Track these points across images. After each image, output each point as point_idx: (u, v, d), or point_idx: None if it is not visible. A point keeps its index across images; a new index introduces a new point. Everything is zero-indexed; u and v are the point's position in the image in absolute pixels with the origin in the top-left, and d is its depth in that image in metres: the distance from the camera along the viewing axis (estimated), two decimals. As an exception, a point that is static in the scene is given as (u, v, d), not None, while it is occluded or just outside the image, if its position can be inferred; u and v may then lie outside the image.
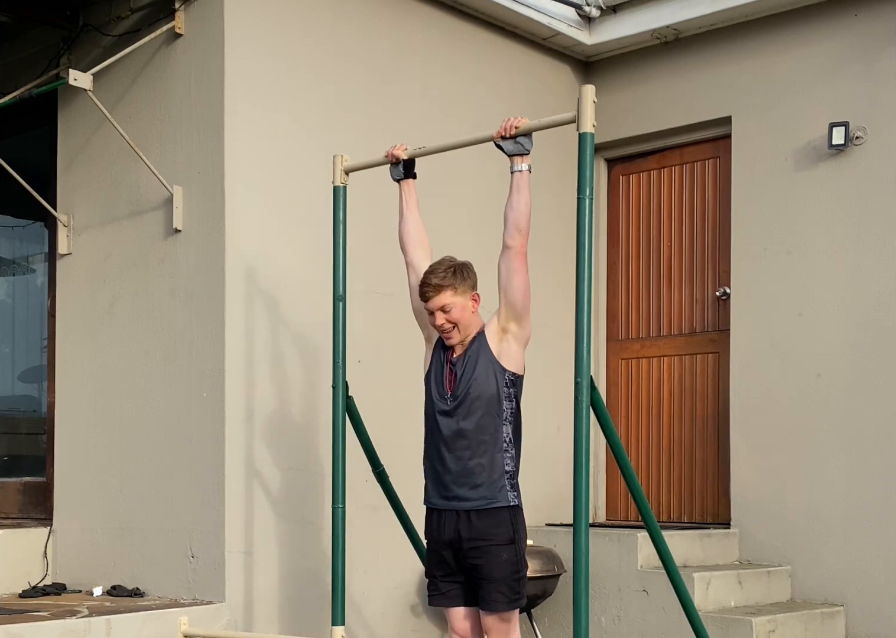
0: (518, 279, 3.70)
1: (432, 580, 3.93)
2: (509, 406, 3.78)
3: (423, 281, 3.81)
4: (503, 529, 3.74)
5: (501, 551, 3.73)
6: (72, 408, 5.61)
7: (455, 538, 3.78)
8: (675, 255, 6.45)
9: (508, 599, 3.75)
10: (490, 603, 3.76)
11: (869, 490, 5.56)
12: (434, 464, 3.86)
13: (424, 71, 5.82)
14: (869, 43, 5.65)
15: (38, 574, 5.49)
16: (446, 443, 3.79)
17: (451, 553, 3.81)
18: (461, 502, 3.77)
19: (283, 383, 5.15)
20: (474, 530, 3.74)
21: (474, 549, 3.74)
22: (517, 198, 3.68)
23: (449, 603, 3.90)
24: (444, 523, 3.81)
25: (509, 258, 3.70)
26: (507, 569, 3.74)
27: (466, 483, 3.75)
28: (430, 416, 3.87)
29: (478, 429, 3.74)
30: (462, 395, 3.76)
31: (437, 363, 3.88)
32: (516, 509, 3.78)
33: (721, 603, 5.42)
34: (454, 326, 3.78)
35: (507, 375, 3.76)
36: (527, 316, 3.76)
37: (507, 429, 3.77)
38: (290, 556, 5.13)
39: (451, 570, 3.85)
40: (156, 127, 5.24)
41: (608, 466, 6.63)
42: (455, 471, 3.77)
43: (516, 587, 3.77)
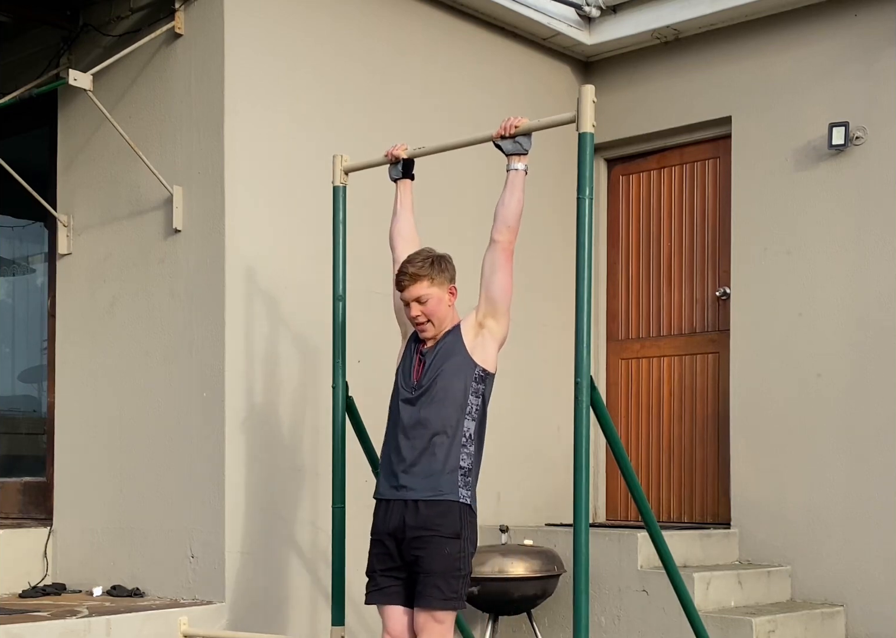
0: (501, 275, 3.66)
1: (371, 576, 3.77)
2: (475, 402, 3.69)
3: (400, 269, 3.75)
4: (449, 521, 3.61)
5: (444, 544, 3.59)
6: (72, 408, 5.61)
7: (399, 526, 3.65)
8: (675, 255, 6.45)
9: (444, 596, 3.58)
10: (425, 598, 3.60)
11: (869, 490, 5.56)
12: (389, 452, 3.76)
13: (424, 71, 5.83)
14: (869, 43, 5.65)
15: (38, 574, 5.49)
16: (405, 431, 3.70)
17: (395, 544, 3.68)
18: (409, 492, 3.65)
19: (283, 383, 5.15)
20: (420, 519, 3.62)
21: (417, 538, 3.62)
22: (510, 196, 3.67)
23: (386, 600, 3.73)
24: (390, 513, 3.70)
25: (495, 252, 3.67)
26: (448, 563, 3.58)
27: (418, 472, 3.64)
28: (394, 404, 3.79)
29: (438, 419, 3.65)
30: (427, 384, 3.69)
31: (408, 355, 3.84)
32: (467, 508, 3.65)
33: (721, 603, 5.41)
34: (428, 320, 3.73)
35: (478, 369, 3.69)
36: (506, 314, 3.71)
37: (468, 424, 3.67)
38: (290, 556, 5.13)
39: (392, 563, 3.71)
40: (156, 127, 5.25)
41: (608, 466, 6.63)
42: (408, 459, 3.67)
43: (455, 585, 3.60)
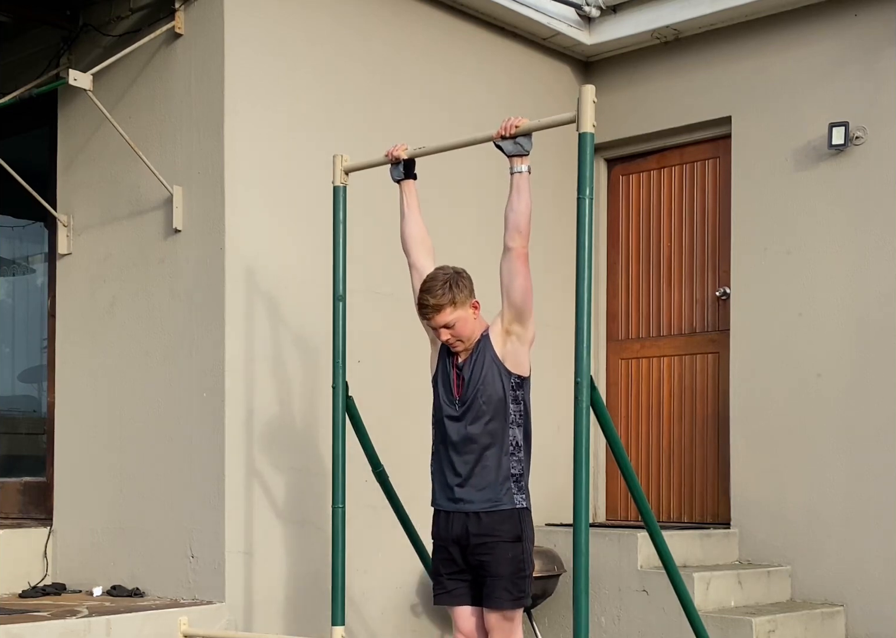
0: (519, 281, 3.70)
1: (438, 579, 3.93)
2: (517, 409, 3.78)
3: (421, 302, 3.77)
4: (510, 526, 3.75)
5: (508, 548, 3.74)
6: (72, 408, 5.61)
7: (463, 534, 3.79)
8: (675, 255, 6.45)
9: (513, 596, 3.76)
10: (494, 600, 3.77)
11: (869, 490, 5.56)
12: (442, 466, 3.87)
13: (424, 71, 5.82)
14: (869, 43, 5.65)
15: (38, 574, 5.49)
16: (455, 447, 3.80)
17: (458, 550, 3.82)
18: (467, 504, 3.79)
19: (283, 383, 5.15)
20: (482, 527, 3.75)
21: (481, 545, 3.76)
22: (517, 199, 3.68)
23: (455, 601, 3.90)
24: (451, 521, 3.83)
25: (510, 260, 3.70)
26: (513, 566, 3.75)
27: (472, 485, 3.77)
28: (439, 420, 3.88)
29: (485, 433, 3.75)
30: (470, 399, 3.77)
31: (444, 367, 3.89)
32: (524, 511, 3.79)
33: (721, 603, 5.42)
34: (460, 340, 3.79)
35: (513, 377, 3.77)
36: (530, 317, 3.76)
37: (513, 432, 3.78)
38: (290, 556, 5.13)
39: (457, 567, 3.85)
40: (156, 127, 5.24)
41: (608, 466, 6.63)
42: (462, 474, 3.79)
43: (521, 585, 3.77)
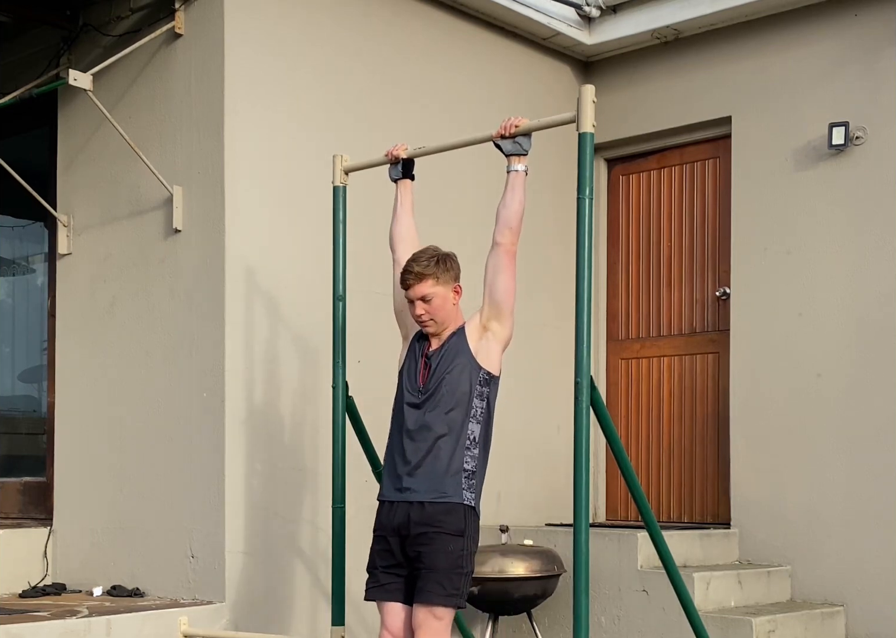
0: (504, 278, 3.67)
1: (373, 572, 3.79)
2: (480, 405, 3.71)
3: (405, 268, 3.75)
4: (454, 518, 3.63)
5: (448, 541, 3.61)
6: (72, 408, 5.61)
7: (404, 523, 3.67)
8: (675, 255, 6.45)
9: (446, 592, 3.60)
10: (425, 594, 3.61)
11: (869, 490, 5.56)
12: (393, 455, 3.78)
13: (424, 71, 5.83)
14: (869, 43, 5.65)
15: (38, 574, 5.49)
16: (409, 434, 3.72)
17: (398, 541, 3.70)
18: (413, 494, 3.67)
19: (283, 383, 5.15)
20: (425, 516, 3.63)
21: (421, 535, 3.64)
22: (511, 196, 3.67)
23: (386, 597, 3.75)
24: (394, 511, 3.72)
25: (497, 255, 3.68)
26: (451, 561, 3.61)
27: (422, 475, 3.67)
28: (398, 408, 3.81)
29: (443, 422, 3.67)
30: (433, 388, 3.71)
31: (412, 357, 3.85)
32: (470, 510, 3.67)
33: (721, 603, 5.41)
34: (432, 318, 3.75)
35: (482, 372, 3.71)
36: (509, 316, 3.72)
37: (473, 427, 3.69)
38: (290, 556, 5.13)
39: (394, 561, 3.73)
40: (156, 127, 5.25)
41: (608, 466, 6.63)
42: (412, 462, 3.69)
43: (456, 582, 3.62)
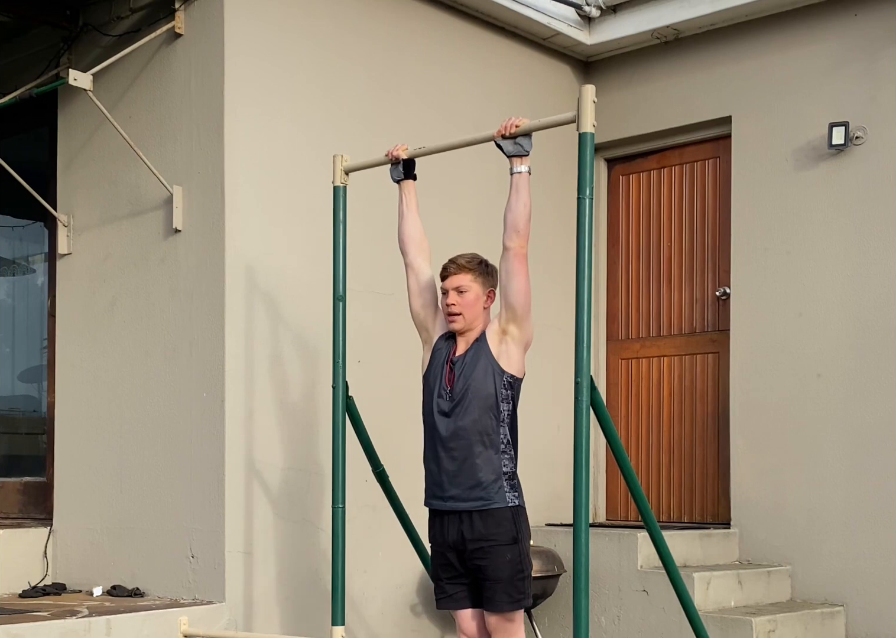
0: (517, 281, 3.70)
1: (438, 584, 3.94)
2: (507, 408, 3.77)
3: (449, 260, 3.89)
4: (505, 528, 3.74)
5: (505, 551, 3.73)
6: (72, 408, 5.61)
7: (458, 540, 3.78)
8: (675, 255, 6.45)
9: (513, 598, 3.76)
10: (495, 603, 3.77)
11: (869, 490, 5.56)
12: (430, 463, 3.86)
13: (424, 70, 5.82)
14: (869, 43, 5.65)
15: (38, 574, 5.49)
16: (443, 442, 3.78)
17: (456, 555, 3.82)
18: (458, 503, 3.77)
19: (283, 383, 5.15)
20: (476, 531, 3.74)
21: (478, 550, 3.75)
22: (516, 199, 3.68)
23: (456, 605, 3.91)
24: (446, 526, 3.82)
25: (508, 260, 3.71)
26: (512, 569, 3.74)
27: (462, 483, 3.75)
28: (429, 415, 3.87)
29: (475, 429, 3.73)
30: (461, 394, 3.76)
31: (437, 362, 3.89)
32: (518, 509, 3.78)
33: (721, 603, 5.42)
34: (461, 313, 3.81)
35: (506, 376, 3.76)
36: (527, 318, 3.76)
37: (504, 430, 3.77)
38: (290, 556, 5.13)
39: (456, 572, 3.85)
40: (156, 127, 5.24)
41: (608, 466, 6.63)
42: (451, 470, 3.77)
43: (521, 587, 3.77)
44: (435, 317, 4.00)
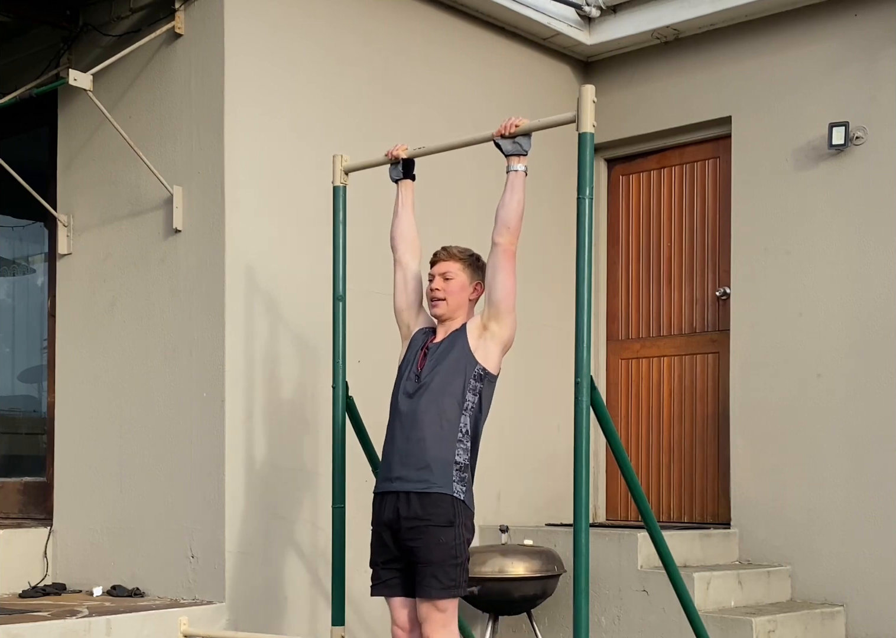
0: (502, 277, 3.68)
1: (375, 569, 3.83)
2: (472, 399, 3.71)
3: (442, 248, 3.90)
4: (443, 510, 3.63)
5: (439, 533, 3.62)
6: (72, 408, 5.61)
7: (394, 518, 3.69)
8: (675, 255, 6.45)
9: (443, 585, 3.61)
10: (424, 588, 3.63)
11: (869, 490, 5.56)
12: (386, 445, 3.81)
13: (424, 70, 5.82)
14: (869, 43, 5.65)
15: (38, 574, 5.49)
16: (401, 421, 3.74)
17: (390, 534, 3.72)
18: (402, 483, 3.69)
19: (283, 383, 5.15)
20: (413, 510, 3.65)
21: (411, 529, 3.65)
22: (510, 196, 3.68)
23: (389, 592, 3.79)
24: (384, 505, 3.74)
25: (496, 256, 3.69)
26: (444, 552, 3.61)
27: (411, 464, 3.67)
28: (394, 396, 3.84)
29: (434, 410, 3.68)
30: (428, 377, 3.73)
31: (413, 350, 3.89)
32: (459, 502, 3.66)
33: (721, 603, 5.41)
34: (444, 298, 3.81)
35: (478, 368, 3.72)
36: (509, 316, 3.72)
37: (465, 420, 3.70)
38: (290, 556, 5.13)
39: (391, 555, 3.75)
40: (156, 127, 5.24)
41: (608, 466, 6.63)
42: (403, 449, 3.71)
43: (453, 574, 3.63)
44: (417, 314, 4.00)
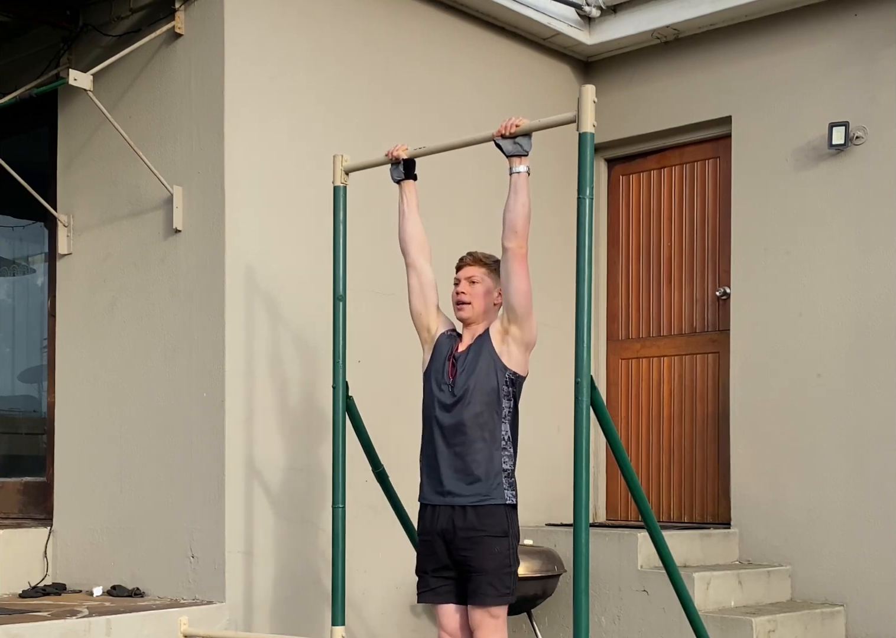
0: (516, 282, 3.69)
1: (423, 576, 3.89)
2: (508, 405, 3.77)
3: (467, 253, 3.95)
4: (497, 521, 3.71)
5: (494, 543, 3.70)
6: (72, 408, 5.61)
7: (448, 528, 3.75)
8: (675, 255, 6.45)
9: (498, 592, 3.71)
10: (479, 596, 3.72)
11: (869, 490, 5.56)
12: (430, 459, 3.84)
13: (424, 70, 5.82)
14: (869, 43, 5.65)
15: (38, 574, 5.49)
16: (444, 436, 3.77)
17: (443, 544, 3.78)
18: (455, 498, 3.75)
19: (283, 383, 5.15)
20: (468, 522, 3.71)
21: (466, 540, 3.71)
22: (514, 199, 3.68)
23: (439, 599, 3.86)
24: (437, 515, 3.79)
25: (507, 261, 3.70)
26: (499, 561, 3.70)
27: (462, 479, 3.73)
28: (429, 409, 3.85)
29: (476, 423, 3.72)
30: (463, 388, 3.75)
31: (440, 358, 3.88)
32: (512, 508, 3.77)
33: (721, 603, 5.42)
34: (469, 302, 3.84)
35: (508, 373, 3.76)
36: (528, 319, 3.74)
37: (505, 427, 3.76)
38: (290, 556, 5.13)
39: (441, 564, 3.81)
40: (156, 127, 5.24)
41: (608, 466, 6.63)
42: (450, 465, 3.75)
43: (507, 581, 3.73)
44: (437, 316, 4.00)
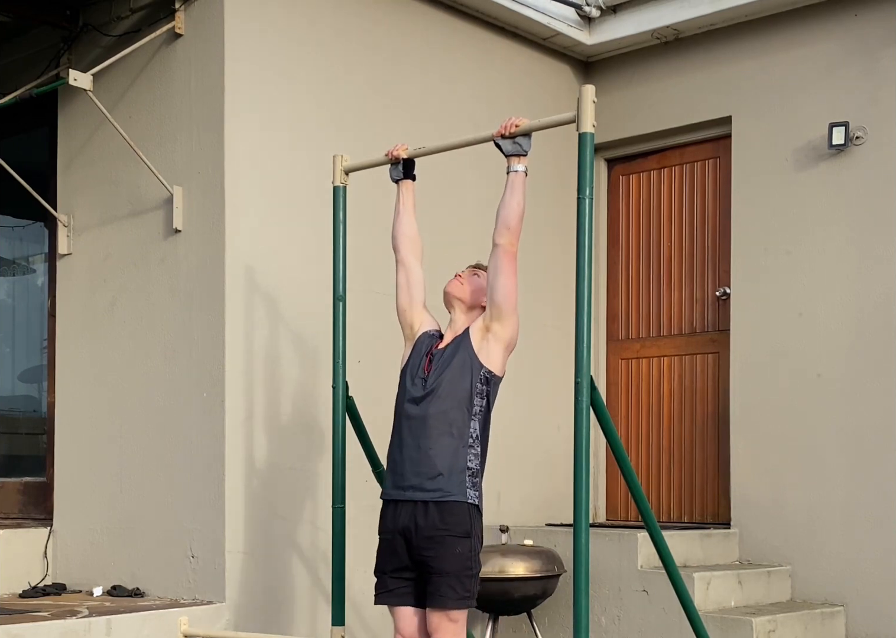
0: (503, 279, 3.66)
1: (381, 577, 3.80)
2: (480, 403, 3.71)
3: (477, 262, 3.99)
4: (460, 520, 3.62)
5: (456, 544, 3.61)
6: (72, 408, 5.61)
7: (410, 527, 3.67)
8: (675, 255, 6.45)
9: (458, 595, 3.61)
10: (438, 598, 3.62)
11: (869, 490, 5.56)
12: (394, 452, 3.77)
13: (424, 70, 5.83)
14: (869, 43, 5.65)
15: (38, 574, 5.49)
16: (410, 429, 3.71)
17: (404, 543, 3.70)
18: (416, 492, 3.66)
19: (283, 383, 5.15)
20: (430, 520, 3.63)
21: (428, 539, 3.63)
22: (510, 197, 3.67)
23: (396, 601, 3.76)
24: (399, 513, 3.71)
25: (497, 257, 3.68)
26: (460, 563, 3.61)
27: (424, 473, 3.65)
28: (400, 402, 3.82)
29: (444, 417, 3.66)
30: (434, 383, 3.71)
31: (417, 355, 3.87)
32: (475, 509, 3.67)
33: (721, 603, 5.41)
34: (464, 285, 3.86)
35: (483, 371, 3.71)
36: (511, 317, 3.71)
37: (474, 425, 3.69)
38: (290, 556, 5.13)
39: (401, 564, 3.72)
40: (156, 127, 5.25)
41: (608, 466, 6.63)
42: (414, 458, 3.68)
43: (468, 584, 3.63)
44: (421, 314, 3.98)
